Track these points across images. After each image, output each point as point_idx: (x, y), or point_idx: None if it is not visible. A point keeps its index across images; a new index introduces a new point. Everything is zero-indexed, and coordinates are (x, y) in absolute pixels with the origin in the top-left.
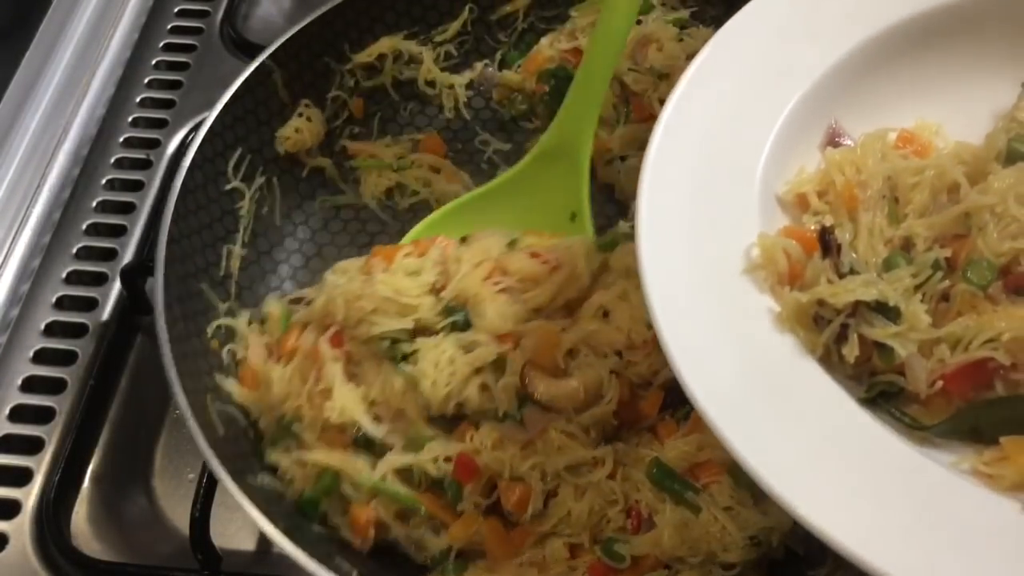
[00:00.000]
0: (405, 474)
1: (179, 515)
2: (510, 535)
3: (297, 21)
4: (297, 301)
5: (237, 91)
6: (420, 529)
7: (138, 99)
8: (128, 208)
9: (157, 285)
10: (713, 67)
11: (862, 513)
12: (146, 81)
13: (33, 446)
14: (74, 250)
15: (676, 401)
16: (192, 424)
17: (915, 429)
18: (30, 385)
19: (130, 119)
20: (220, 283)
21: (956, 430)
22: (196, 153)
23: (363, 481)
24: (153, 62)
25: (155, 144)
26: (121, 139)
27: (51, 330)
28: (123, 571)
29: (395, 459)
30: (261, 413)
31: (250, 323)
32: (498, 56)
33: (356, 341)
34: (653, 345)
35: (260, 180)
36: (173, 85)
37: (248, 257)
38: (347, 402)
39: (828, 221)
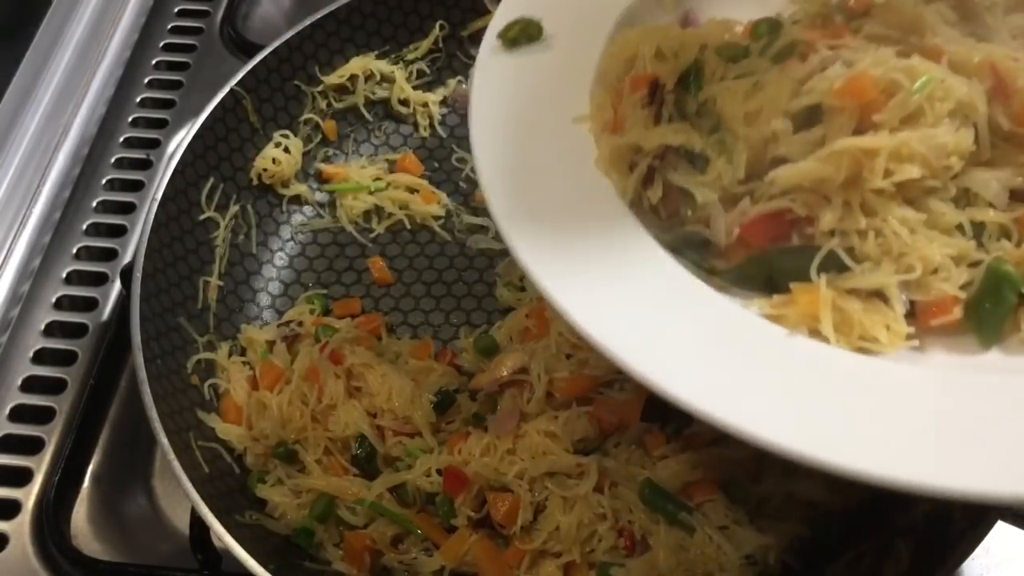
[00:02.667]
0: (399, 495)
1: (179, 515)
2: (503, 556)
3: (297, 21)
4: (286, 324)
5: (206, 121)
6: (412, 552)
7: (138, 99)
8: (128, 208)
9: (133, 323)
10: None
11: (650, 339)
12: (146, 81)
13: (33, 446)
14: (74, 250)
15: (664, 414)
16: (176, 465)
17: (711, 274)
18: (30, 385)
19: (130, 119)
20: (198, 316)
21: (751, 278)
22: (167, 186)
23: (360, 502)
24: (153, 62)
25: (155, 144)
26: (121, 139)
27: (51, 330)
28: (123, 571)
29: (390, 477)
30: (247, 447)
31: (230, 355)
32: (471, 72)
33: None
34: None
35: (235, 208)
36: (173, 85)
37: (225, 287)
38: (352, 417)
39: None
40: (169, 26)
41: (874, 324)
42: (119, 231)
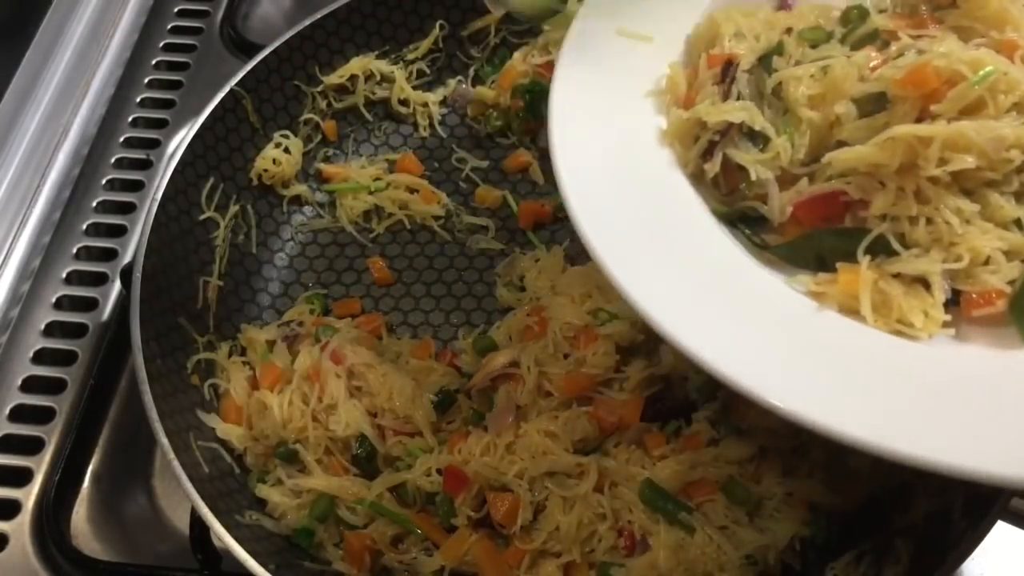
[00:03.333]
0: (399, 495)
1: (179, 515)
2: (503, 556)
3: (297, 21)
4: (286, 324)
5: (206, 121)
6: (412, 552)
7: (138, 99)
8: (128, 208)
9: (133, 323)
10: None
11: (694, 305)
12: (146, 81)
13: (33, 446)
14: (74, 250)
15: (664, 413)
16: (176, 465)
17: (762, 249)
18: (30, 385)
19: (130, 119)
20: (198, 316)
21: (801, 255)
22: (167, 186)
23: (360, 502)
24: (153, 62)
25: (155, 144)
26: (121, 139)
27: (51, 330)
28: (123, 571)
29: (390, 477)
30: (247, 447)
31: (230, 355)
32: (471, 72)
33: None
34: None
35: (234, 208)
36: (173, 85)
37: (225, 287)
38: (353, 416)
39: (739, 51)
40: (169, 26)
41: (912, 308)
42: (119, 231)
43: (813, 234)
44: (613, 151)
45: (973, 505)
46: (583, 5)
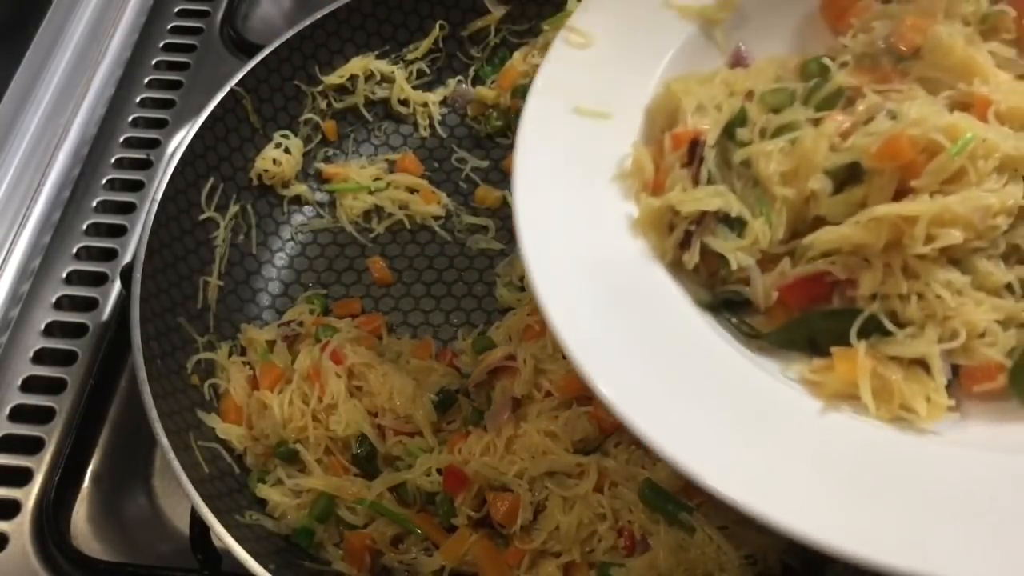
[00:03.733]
0: (399, 494)
1: (179, 515)
2: (503, 555)
3: (297, 21)
4: (286, 324)
5: (206, 121)
6: (412, 551)
7: (138, 99)
8: (128, 208)
9: (133, 323)
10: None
11: (681, 412)
12: (146, 81)
13: (33, 446)
14: (74, 250)
15: None
16: (176, 465)
17: (750, 337)
18: (30, 385)
19: (130, 119)
20: (198, 316)
21: (793, 340)
22: (167, 186)
23: (360, 501)
24: (153, 62)
25: (155, 144)
26: (121, 139)
27: (51, 330)
28: (123, 571)
29: (390, 477)
30: (247, 446)
31: (230, 355)
32: (471, 72)
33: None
34: None
35: (234, 208)
36: (173, 85)
37: (225, 287)
38: (353, 416)
39: (704, 127)
40: (169, 26)
41: (914, 395)
42: (119, 231)
43: (803, 318)
44: (586, 244)
45: None
46: (535, 82)
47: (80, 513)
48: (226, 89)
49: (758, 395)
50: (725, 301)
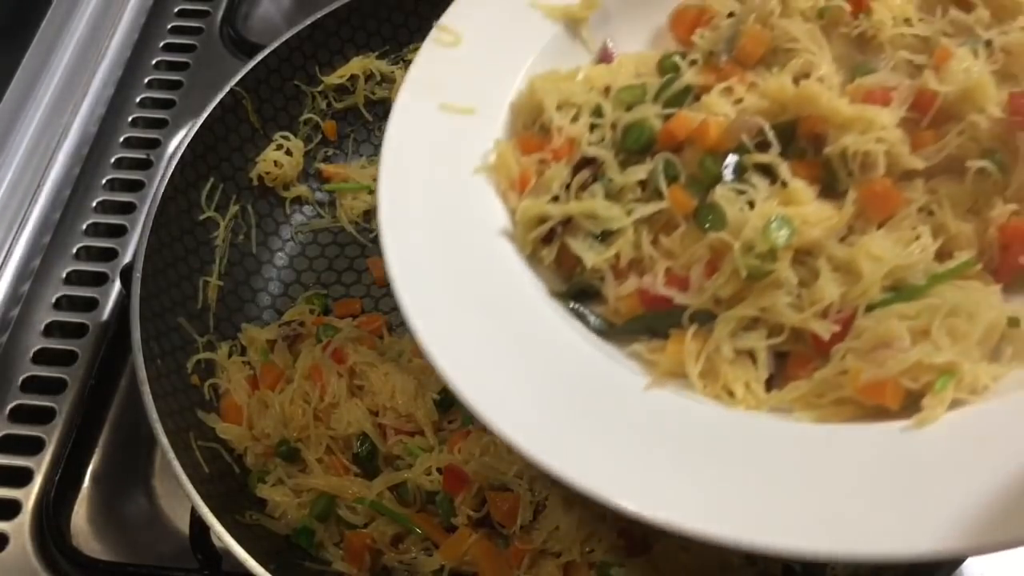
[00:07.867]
0: (400, 494)
1: (179, 515)
2: (503, 555)
3: (297, 21)
4: (287, 324)
5: (206, 121)
6: (412, 551)
7: (138, 99)
8: (128, 208)
9: (133, 323)
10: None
11: (515, 390)
12: (146, 81)
13: (33, 446)
14: (74, 250)
15: None
16: (176, 465)
17: (600, 333)
18: (30, 385)
19: (130, 119)
20: (198, 316)
21: (633, 330)
22: (167, 186)
23: (360, 501)
24: (153, 62)
25: (155, 144)
26: (121, 139)
27: (51, 330)
28: (123, 571)
29: (390, 476)
30: (247, 446)
31: (230, 355)
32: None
33: None
34: None
35: (234, 208)
36: (173, 85)
37: (225, 287)
38: (354, 415)
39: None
40: (169, 26)
41: (736, 379)
42: (119, 231)
43: (644, 316)
44: (446, 236)
45: None
46: (404, 80)
47: (80, 513)
48: (226, 89)
49: (593, 374)
50: (581, 291)
